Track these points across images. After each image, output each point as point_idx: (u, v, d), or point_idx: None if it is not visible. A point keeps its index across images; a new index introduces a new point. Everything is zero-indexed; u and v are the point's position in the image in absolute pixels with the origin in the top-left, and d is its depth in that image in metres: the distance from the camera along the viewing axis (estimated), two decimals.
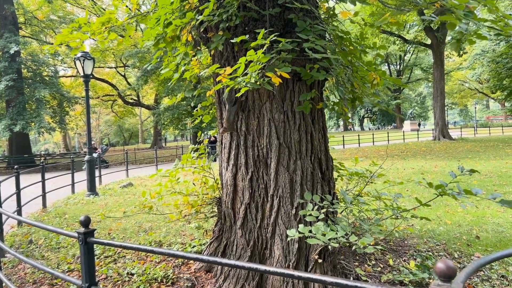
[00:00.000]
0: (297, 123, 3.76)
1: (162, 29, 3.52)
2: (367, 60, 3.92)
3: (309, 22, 3.34)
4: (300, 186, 3.74)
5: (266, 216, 3.82)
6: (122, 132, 67.20)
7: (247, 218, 3.89)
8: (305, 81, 3.78)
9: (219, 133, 4.05)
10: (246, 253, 3.88)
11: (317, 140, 3.92)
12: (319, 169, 3.93)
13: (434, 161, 15.63)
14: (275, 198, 3.75)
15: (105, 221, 7.19)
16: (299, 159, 3.76)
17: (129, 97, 39.50)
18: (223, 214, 4.11)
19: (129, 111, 45.16)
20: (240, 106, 3.84)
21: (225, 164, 4.05)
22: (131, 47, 27.05)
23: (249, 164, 3.85)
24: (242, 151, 3.87)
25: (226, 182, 4.02)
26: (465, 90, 60.37)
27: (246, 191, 3.86)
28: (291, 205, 3.72)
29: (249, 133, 3.84)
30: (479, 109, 66.62)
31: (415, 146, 25.12)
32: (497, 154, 17.04)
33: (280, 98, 3.73)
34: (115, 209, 8.58)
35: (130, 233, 6.25)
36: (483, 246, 4.90)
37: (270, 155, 3.78)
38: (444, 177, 10.86)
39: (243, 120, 3.85)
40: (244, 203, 3.88)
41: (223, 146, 4.08)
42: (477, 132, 37.82)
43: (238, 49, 3.61)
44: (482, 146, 22.41)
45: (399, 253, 4.71)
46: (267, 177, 3.80)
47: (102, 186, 13.00)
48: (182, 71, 4.09)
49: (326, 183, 4.00)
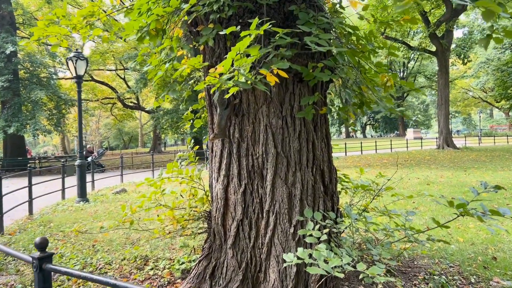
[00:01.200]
0: (297, 130, 3.32)
1: (145, 21, 3.09)
2: (376, 62, 3.48)
3: (312, 14, 2.90)
4: (300, 201, 3.28)
5: (261, 235, 3.36)
6: (121, 135, 66.78)
7: (239, 236, 3.43)
8: (307, 82, 3.34)
9: (209, 139, 3.61)
10: (238, 276, 3.41)
11: (320, 149, 3.47)
12: (321, 182, 3.48)
13: (440, 171, 15.13)
14: (271, 215, 3.30)
15: (91, 231, 6.74)
16: (299, 170, 3.31)
17: (129, 100, 39.15)
18: (213, 230, 3.65)
19: (128, 115, 44.78)
20: (233, 110, 3.39)
21: (215, 175, 3.60)
22: (131, 50, 26.68)
23: (243, 175, 3.40)
24: (234, 160, 3.42)
25: (217, 195, 3.56)
26: (468, 98, 59.88)
27: (238, 205, 3.40)
28: (289, 223, 3.26)
29: (243, 140, 3.39)
30: (482, 118, 66.07)
31: (419, 155, 24.63)
32: (504, 165, 16.55)
33: (278, 102, 3.29)
34: (104, 217, 8.13)
35: (116, 246, 5.79)
36: (501, 268, 4.42)
37: (266, 166, 3.33)
38: (451, 188, 10.40)
39: (237, 125, 3.40)
40: (236, 219, 3.42)
41: (214, 154, 3.63)
42: (482, 141, 37.32)
43: (232, 44, 3.17)
44: (488, 155, 21.91)
45: (409, 275, 4.24)
46: (262, 190, 3.35)
47: (95, 192, 12.54)
48: (171, 69, 3.65)
49: (329, 198, 3.54)
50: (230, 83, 2.07)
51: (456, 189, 10.18)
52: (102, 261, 5.05)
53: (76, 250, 5.63)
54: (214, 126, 3.53)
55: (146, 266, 4.76)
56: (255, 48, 2.03)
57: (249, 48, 2.05)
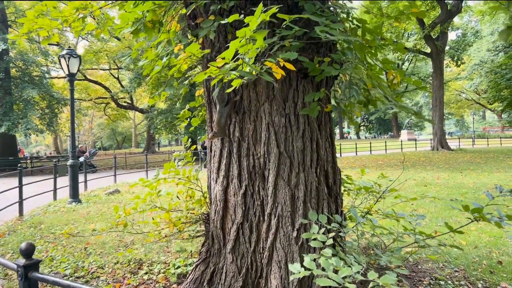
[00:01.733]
0: (301, 129, 3.16)
1: (141, 12, 2.91)
2: (383, 58, 3.33)
3: (319, 5, 2.74)
4: (303, 203, 3.12)
5: (262, 239, 3.19)
6: (115, 135, 66.24)
7: (239, 240, 3.26)
8: (311, 78, 3.18)
9: (208, 138, 3.44)
10: (237, 283, 3.24)
11: (324, 149, 3.31)
12: (325, 184, 3.31)
13: (436, 172, 15.05)
14: (273, 218, 3.13)
15: (83, 233, 6.53)
16: (302, 171, 3.15)
17: (123, 100, 38.78)
18: (211, 234, 3.48)
19: (122, 114, 44.33)
20: (234, 107, 3.22)
21: (214, 176, 3.42)
22: (125, 49, 26.38)
23: (243, 176, 3.23)
24: (235, 160, 3.25)
25: (215, 197, 3.39)
26: (462, 100, 60.14)
27: (238, 208, 3.23)
28: (291, 226, 3.10)
29: (244, 140, 3.22)
30: (475, 120, 66.53)
31: (413, 156, 24.58)
32: (499, 166, 16.51)
33: (281, 99, 3.13)
34: (97, 218, 7.91)
35: (109, 248, 5.59)
36: (507, 273, 4.29)
37: (268, 166, 3.16)
38: (448, 190, 10.29)
39: (237, 123, 3.23)
40: (236, 223, 3.25)
41: (213, 154, 3.45)
42: (475, 143, 37.45)
43: (233, 37, 3.01)
44: (482, 157, 21.91)
45: (413, 280, 4.10)
46: (263, 192, 3.18)
47: (87, 192, 12.29)
48: (167, 66, 3.48)
49: (333, 200, 3.38)
50: (233, 74, 1.89)
51: (454, 191, 10.08)
52: (95, 265, 4.85)
53: (67, 253, 5.42)
54: (213, 125, 3.35)
55: (140, 270, 4.57)
56: (262, 33, 1.86)
57: (256, 32, 1.88)
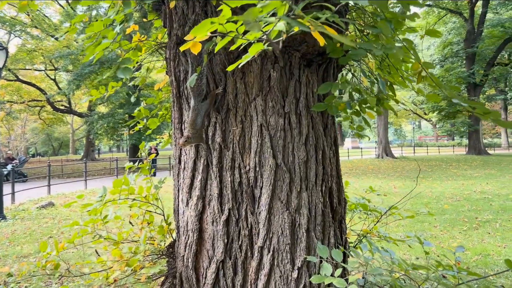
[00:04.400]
0: (304, 133, 2.37)
1: None
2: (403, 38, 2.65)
3: None
4: (306, 232, 2.33)
5: (250, 282, 2.35)
6: (51, 141, 61.85)
7: (218, 284, 2.39)
8: (316, 68, 2.42)
9: (175, 145, 2.55)
10: None
11: (329, 159, 2.54)
12: (330, 204, 2.55)
13: (389, 181, 14.99)
14: (266, 253, 2.31)
15: (5, 259, 5.30)
16: (305, 189, 2.36)
17: (60, 103, 36.02)
18: (179, 275, 2.57)
19: (59, 119, 41.23)
20: (214, 103, 2.37)
21: (184, 196, 2.53)
22: (63, 48, 24.30)
23: (225, 196, 2.37)
24: (214, 175, 2.39)
25: (186, 225, 2.50)
26: (400, 110, 62.97)
27: (218, 240, 2.37)
28: (291, 264, 2.29)
29: (227, 147, 2.38)
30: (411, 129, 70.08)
31: (361, 164, 24.88)
32: (447, 174, 16.84)
33: (279, 92, 2.32)
34: (24, 239, 6.62)
35: (37, 281, 4.46)
36: None
37: (260, 183, 2.34)
38: (411, 200, 9.99)
39: (218, 125, 2.38)
40: (215, 261, 2.38)
41: (183, 166, 2.56)
42: (415, 151, 39.01)
43: (217, 4, 2.17)
44: (426, 165, 22.49)
45: None
46: (253, 218, 2.35)
47: (15, 206, 10.65)
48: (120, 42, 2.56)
49: (337, 225, 2.63)
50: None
51: (417, 201, 9.83)
52: None
53: None
54: (183, 126, 2.48)
55: None
56: None
57: None
